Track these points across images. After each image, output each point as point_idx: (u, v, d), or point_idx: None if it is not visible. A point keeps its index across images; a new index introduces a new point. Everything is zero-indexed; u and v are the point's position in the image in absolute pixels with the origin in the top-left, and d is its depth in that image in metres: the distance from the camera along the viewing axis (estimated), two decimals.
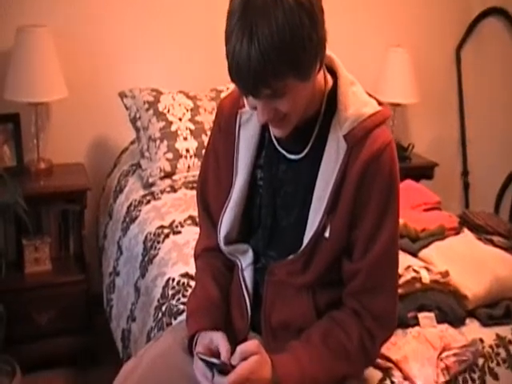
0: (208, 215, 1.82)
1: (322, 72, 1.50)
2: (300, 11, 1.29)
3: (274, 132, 1.56)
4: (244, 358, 1.43)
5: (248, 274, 1.70)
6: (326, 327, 1.58)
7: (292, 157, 1.60)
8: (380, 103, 1.57)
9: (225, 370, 1.43)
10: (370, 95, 1.58)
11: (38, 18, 3.11)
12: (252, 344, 1.47)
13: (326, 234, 1.54)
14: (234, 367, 1.43)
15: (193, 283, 2.14)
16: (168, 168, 3.01)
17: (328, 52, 1.51)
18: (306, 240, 1.57)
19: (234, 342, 1.61)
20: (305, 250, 1.57)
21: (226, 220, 1.69)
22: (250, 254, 1.71)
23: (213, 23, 3.26)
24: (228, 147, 1.69)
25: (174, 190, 2.95)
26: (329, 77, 1.56)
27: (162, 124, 3.07)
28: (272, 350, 1.53)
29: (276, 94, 1.36)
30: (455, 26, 4.15)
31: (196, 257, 1.86)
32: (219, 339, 1.55)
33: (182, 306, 2.09)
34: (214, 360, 1.46)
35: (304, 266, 1.59)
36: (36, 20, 3.08)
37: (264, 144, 1.65)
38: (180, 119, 3.10)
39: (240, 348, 1.45)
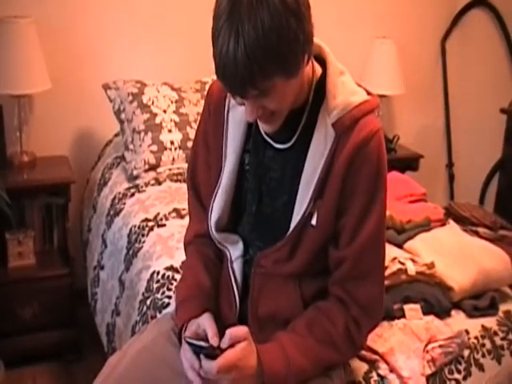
0: (198, 200, 1.81)
1: (309, 62, 1.50)
2: (286, 12, 1.28)
3: (263, 127, 1.56)
4: (233, 343, 1.44)
5: (237, 266, 1.70)
6: (312, 316, 1.58)
7: (279, 146, 1.60)
8: (369, 93, 1.58)
9: (213, 354, 1.43)
10: (359, 85, 1.58)
11: (20, 8, 3.08)
12: (242, 329, 1.47)
13: (313, 222, 1.55)
14: (222, 351, 1.43)
15: (178, 276, 2.13)
16: (152, 160, 3.00)
17: (317, 41, 1.52)
18: (292, 226, 1.57)
19: (222, 332, 1.60)
20: (291, 236, 1.57)
21: (217, 205, 1.68)
22: (240, 245, 1.71)
23: (197, 14, 3.24)
24: (217, 131, 1.69)
25: (158, 182, 2.93)
26: (317, 66, 1.56)
27: (146, 116, 3.05)
28: (258, 342, 1.53)
29: (263, 93, 1.37)
30: (440, 18, 4.16)
31: (186, 243, 1.85)
32: (206, 321, 1.54)
33: (166, 300, 2.08)
34: (202, 343, 1.46)
35: (290, 254, 1.59)
36: (19, 11, 3.04)
37: (252, 128, 1.65)
38: (164, 111, 3.08)
39: (230, 332, 1.45)
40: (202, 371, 1.44)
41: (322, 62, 1.57)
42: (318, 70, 1.56)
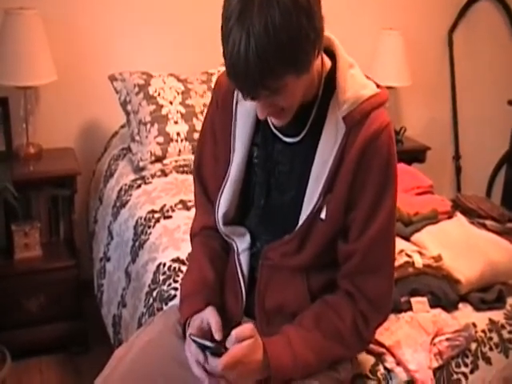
0: (205, 193, 1.81)
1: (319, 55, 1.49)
2: (297, 11, 1.27)
3: (274, 122, 1.55)
4: (239, 342, 1.44)
5: (244, 259, 1.69)
6: (319, 310, 1.58)
7: (288, 140, 1.59)
8: (378, 86, 1.57)
9: (218, 352, 1.43)
10: (368, 78, 1.58)
11: (26, 0, 3.06)
12: (247, 328, 1.47)
13: (322, 215, 1.54)
14: (227, 349, 1.43)
15: (184, 268, 2.13)
16: (159, 152, 2.99)
17: (327, 33, 1.50)
18: (301, 220, 1.56)
19: (228, 326, 1.60)
20: (300, 229, 1.57)
21: (224, 198, 1.68)
22: (247, 238, 1.70)
23: (204, 5, 3.24)
24: (225, 123, 1.68)
25: (164, 174, 2.93)
26: (327, 59, 1.55)
27: (152, 107, 3.04)
28: (265, 335, 1.53)
29: (275, 92, 1.36)
30: (447, 9, 4.14)
31: (192, 235, 1.85)
32: (209, 314, 1.55)
33: (173, 292, 2.08)
34: (207, 343, 1.46)
35: (299, 247, 1.58)
36: (24, 2, 3.04)
37: (261, 122, 1.64)
38: (171, 102, 3.08)
39: (235, 332, 1.45)
40: (207, 366, 1.45)
41: (331, 54, 1.56)
42: (328, 62, 1.55)
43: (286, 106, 1.43)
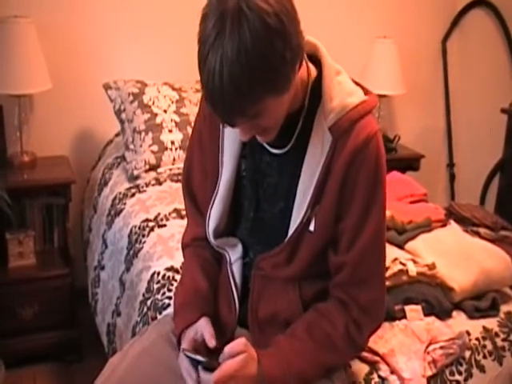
0: (194, 204, 1.80)
1: (303, 64, 1.46)
2: (270, 35, 1.24)
3: (259, 139, 1.52)
4: (231, 358, 1.43)
5: (236, 268, 1.69)
6: (311, 319, 1.58)
7: (275, 151, 1.58)
8: (367, 92, 1.55)
9: (210, 366, 1.43)
10: (356, 83, 1.56)
11: (20, 8, 3.08)
12: (239, 343, 1.46)
13: (311, 227, 1.53)
14: (220, 363, 1.43)
15: (178, 277, 2.13)
16: (153, 160, 2.99)
17: (313, 40, 1.50)
18: (290, 232, 1.56)
19: (221, 335, 1.60)
20: (289, 241, 1.56)
21: (215, 213, 1.67)
22: (239, 248, 1.70)
23: (198, 14, 3.24)
24: (213, 137, 1.67)
25: (159, 182, 2.93)
26: (312, 67, 1.53)
27: (146, 116, 3.05)
28: (259, 344, 1.53)
29: (254, 116, 1.34)
30: (441, 18, 4.16)
31: (184, 246, 1.84)
32: (203, 325, 1.56)
33: (167, 301, 2.08)
34: (199, 357, 1.46)
35: (289, 258, 1.58)
36: (19, 11, 3.04)
37: None
38: (165, 111, 3.08)
39: (227, 348, 1.44)
40: (201, 381, 1.46)
41: (317, 61, 1.54)
42: (313, 70, 1.53)
43: (268, 126, 1.41)
